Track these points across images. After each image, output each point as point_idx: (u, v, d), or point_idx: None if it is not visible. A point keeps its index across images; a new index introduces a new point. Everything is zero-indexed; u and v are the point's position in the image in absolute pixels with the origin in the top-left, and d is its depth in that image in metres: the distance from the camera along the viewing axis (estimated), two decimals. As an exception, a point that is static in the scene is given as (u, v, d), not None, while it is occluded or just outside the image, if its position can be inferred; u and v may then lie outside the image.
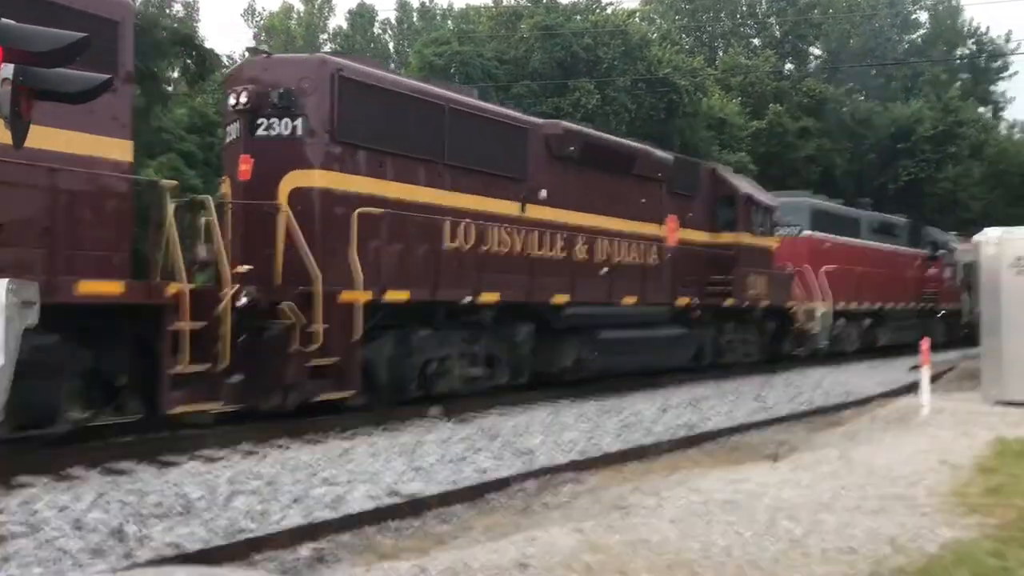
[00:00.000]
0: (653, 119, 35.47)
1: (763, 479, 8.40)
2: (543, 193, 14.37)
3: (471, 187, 13.07)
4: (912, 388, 19.14)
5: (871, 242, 27.91)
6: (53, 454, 8.41)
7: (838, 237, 25.49)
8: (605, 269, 15.55)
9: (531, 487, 9.77)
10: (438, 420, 12.04)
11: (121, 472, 8.31)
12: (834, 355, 25.46)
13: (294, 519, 7.81)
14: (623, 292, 15.98)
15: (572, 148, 14.80)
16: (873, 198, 41.28)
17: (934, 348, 29.22)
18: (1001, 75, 60.28)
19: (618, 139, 17.83)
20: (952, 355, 29.07)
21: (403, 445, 10.27)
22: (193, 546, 6.92)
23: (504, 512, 8.77)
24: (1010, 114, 66.23)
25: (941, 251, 32.18)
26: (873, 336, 27.64)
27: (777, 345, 21.87)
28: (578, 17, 37.33)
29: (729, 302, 18.73)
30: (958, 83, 55.95)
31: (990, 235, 14.58)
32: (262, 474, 8.59)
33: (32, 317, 4.47)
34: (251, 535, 7.32)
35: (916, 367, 21.09)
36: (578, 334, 14.80)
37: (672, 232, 17.89)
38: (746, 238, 19.79)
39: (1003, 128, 61.63)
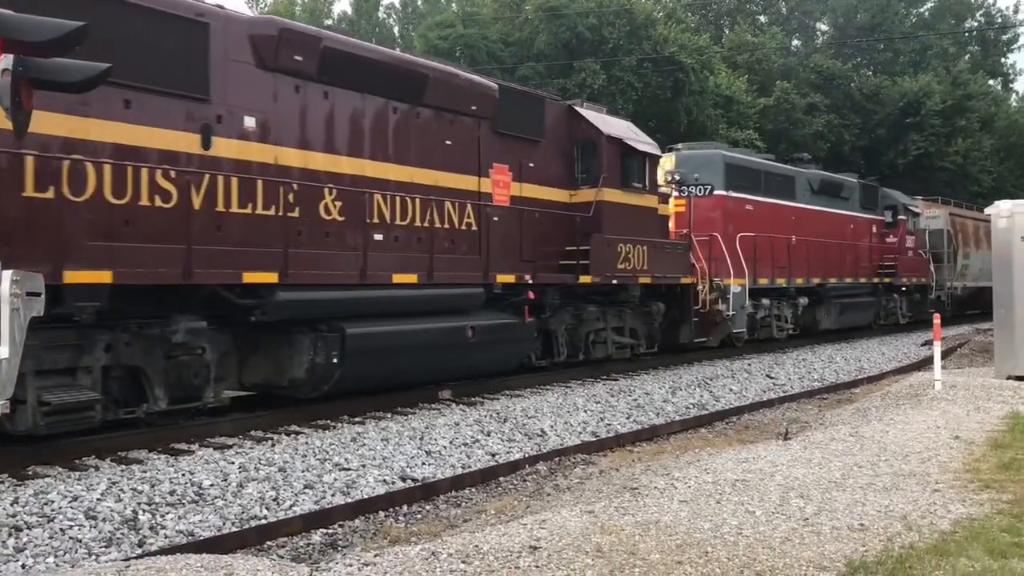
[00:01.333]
0: (659, 98, 35.26)
1: (774, 458, 8.37)
2: (248, 122, 10.03)
3: (104, 108, 8.70)
4: (924, 363, 19.10)
5: (811, 205, 23.22)
6: (65, 444, 8.44)
7: (764, 198, 20.85)
8: (366, 235, 11.09)
9: (542, 469, 9.79)
10: (449, 403, 12.06)
11: (133, 461, 8.34)
12: (843, 332, 24.98)
13: (306, 505, 7.85)
14: (393, 268, 11.41)
15: (299, 58, 10.45)
16: (883, 173, 41.09)
17: (894, 329, 28.69)
18: (1011, 47, 59.77)
19: (394, 52, 13.24)
20: (963, 329, 28.96)
21: (414, 429, 10.28)
22: (205, 534, 6.96)
23: (515, 495, 8.78)
24: (1020, 86, 65.83)
25: (902, 217, 28.13)
26: (813, 318, 23.19)
27: (675, 333, 17.55)
28: (582, -3, 37.02)
29: (585, 279, 14.24)
30: (967, 56, 55.55)
31: (1002, 207, 14.44)
32: (274, 460, 8.61)
33: (38, 308, 4.46)
34: (263, 522, 7.35)
35: (928, 342, 21.03)
36: (313, 331, 10.47)
37: (501, 187, 13.48)
38: (613, 195, 15.10)
39: (1013, 101, 61.23)
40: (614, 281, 15.02)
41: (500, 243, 13.14)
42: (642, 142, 16.24)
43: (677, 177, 18.95)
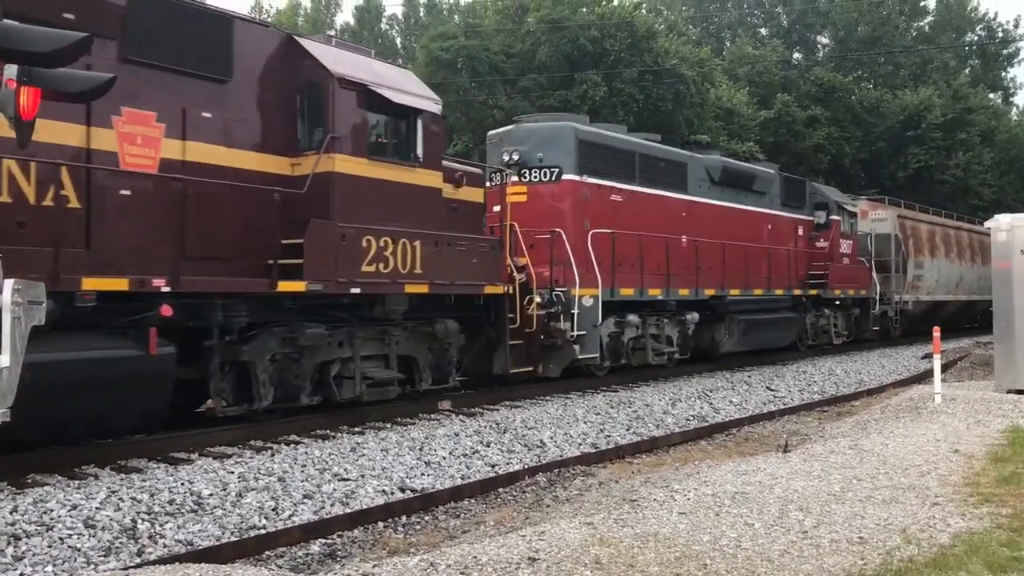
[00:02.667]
0: (660, 110, 35.35)
1: (774, 470, 8.37)
2: None
3: None
4: (925, 376, 19.09)
5: (709, 199, 18.61)
6: (65, 453, 8.44)
7: (638, 188, 16.42)
8: None
9: (542, 481, 9.78)
10: (449, 414, 12.06)
11: (133, 470, 8.34)
12: (849, 344, 24.62)
13: (305, 515, 7.84)
14: None
15: None
16: (883, 185, 41.13)
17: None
18: (1012, 61, 59.94)
19: None
20: (965, 342, 28.92)
21: (413, 440, 10.28)
22: (204, 543, 6.95)
23: (515, 506, 8.78)
24: (1020, 100, 65.99)
25: (835, 217, 23.67)
26: (711, 340, 18.66)
27: (486, 360, 13.32)
28: (584, 9, 37.16)
29: (290, 286, 9.85)
30: (967, 70, 55.69)
31: (1001, 221, 14.46)
32: (273, 470, 8.61)
33: (39, 316, 4.48)
34: (262, 532, 7.35)
35: (928, 355, 21.02)
36: None
37: (139, 144, 8.95)
38: (351, 165, 10.62)
39: (1014, 114, 61.38)
40: (355, 290, 10.65)
41: (133, 230, 8.88)
42: (409, 94, 11.56)
43: (516, 157, 14.85)
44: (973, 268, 33.99)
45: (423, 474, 9.35)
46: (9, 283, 4.15)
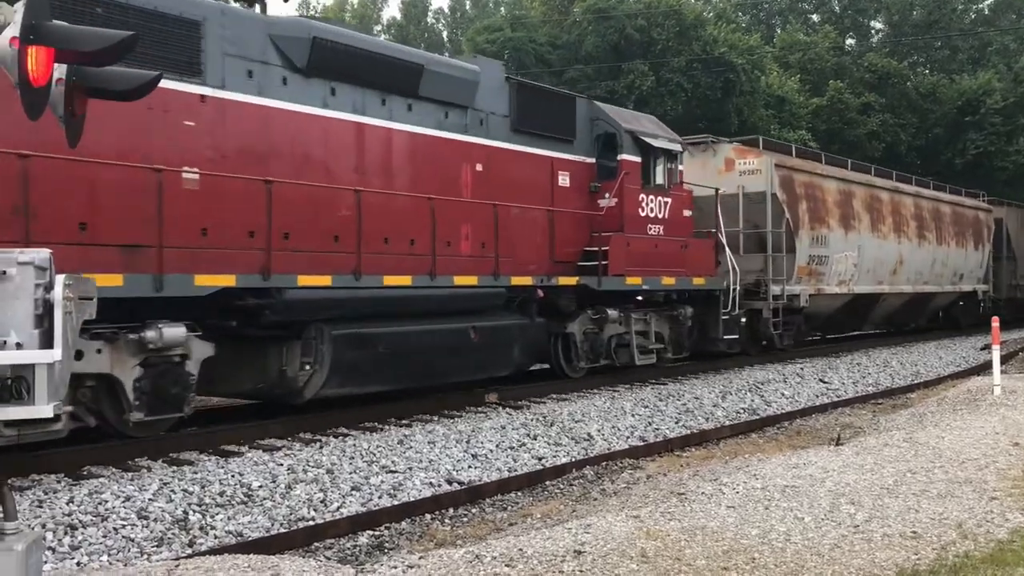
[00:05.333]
0: (710, 99, 34.96)
1: (825, 463, 8.23)
2: None
3: None
4: (984, 368, 18.64)
5: (294, 104, 10.17)
6: (119, 446, 8.62)
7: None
8: None
9: (589, 474, 9.75)
10: (496, 407, 12.07)
11: (185, 462, 8.48)
12: (902, 333, 23.83)
13: (353, 507, 7.91)
14: None
15: None
16: (940, 173, 40.15)
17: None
18: (1075, 42, 58.04)
19: None
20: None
21: (460, 432, 10.31)
22: (254, 534, 7.05)
23: (561, 499, 8.75)
24: (1085, 82, 63.49)
25: (629, 158, 14.35)
26: (269, 371, 10.13)
27: None
28: (631, -1, 36.90)
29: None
30: (1029, 52, 54.04)
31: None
32: (322, 462, 8.69)
33: (90, 311, 4.56)
34: (311, 523, 7.43)
35: (987, 346, 20.52)
36: None
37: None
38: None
39: (1078, 97, 59.35)
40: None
41: None
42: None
43: None
44: (924, 247, 24.26)
45: (470, 467, 9.37)
46: (60, 279, 4.22)
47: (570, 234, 13.78)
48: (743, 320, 17.12)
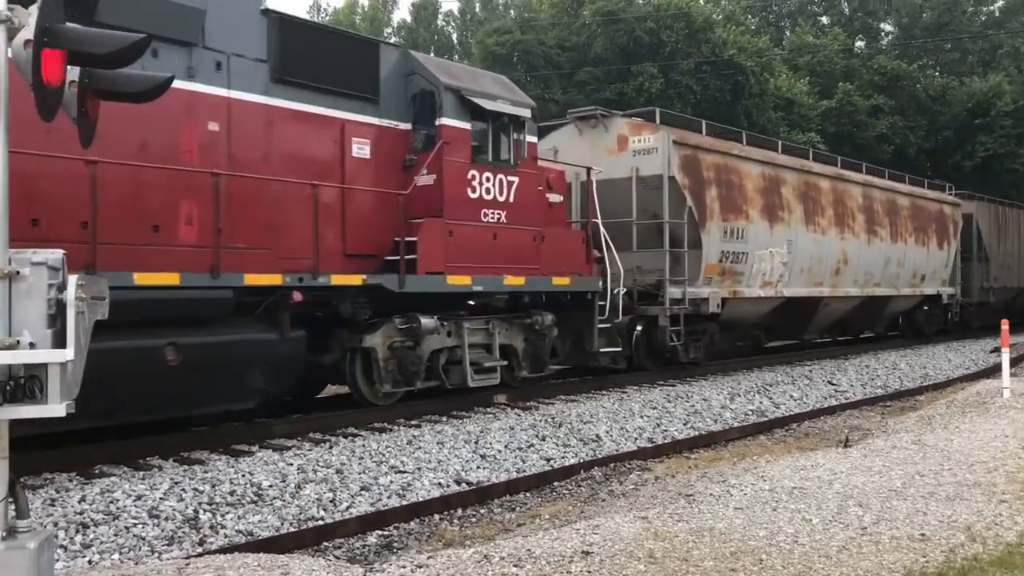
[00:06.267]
0: (719, 101, 34.94)
1: (833, 465, 8.22)
2: None
3: None
4: (993, 371, 18.57)
5: None
6: (130, 444, 8.67)
7: None
8: None
9: (597, 475, 9.77)
10: (504, 408, 12.09)
11: (196, 462, 8.53)
12: (917, 337, 22.45)
13: (362, 507, 7.94)
14: None
15: None
16: (949, 176, 39.97)
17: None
18: (1087, 44, 57.76)
19: None
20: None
21: (469, 433, 10.33)
22: (264, 533, 7.09)
23: (570, 500, 8.77)
24: (1097, 85, 63.22)
25: (450, 123, 11.39)
26: None
27: None
28: (640, 1, 36.89)
29: None
30: (1040, 54, 53.79)
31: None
32: (331, 462, 8.73)
33: (102, 311, 4.60)
34: (320, 523, 7.46)
35: (997, 349, 20.45)
36: None
37: None
38: None
39: (1089, 100, 59.07)
40: None
41: None
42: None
43: None
44: (876, 244, 21.38)
45: (479, 467, 9.40)
46: (73, 279, 4.26)
47: (373, 220, 10.75)
48: (638, 329, 15.00)
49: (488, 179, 11.86)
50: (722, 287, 16.14)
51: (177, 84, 7.58)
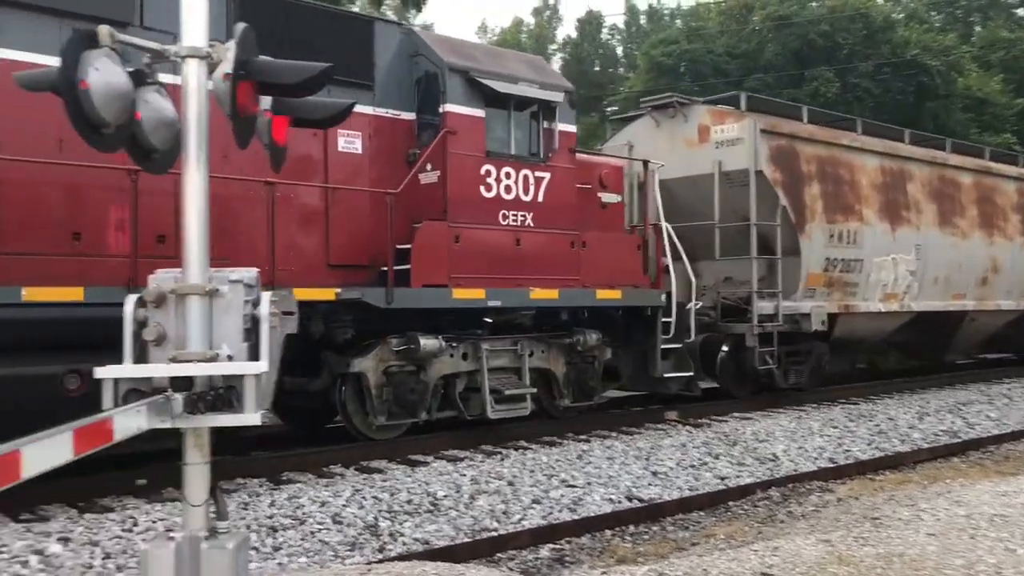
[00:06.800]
0: (901, 104, 33.20)
1: (1039, 492, 7.59)
2: None
3: None
4: None
5: None
6: (314, 453, 9.11)
7: None
8: None
9: (775, 495, 9.43)
10: (676, 424, 11.89)
11: (375, 471, 8.85)
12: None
13: (534, 520, 7.98)
14: None
15: None
16: None
17: None
18: None
19: None
20: None
21: (639, 449, 10.22)
22: (440, 543, 7.25)
23: (746, 520, 8.50)
24: None
25: (456, 109, 9.74)
26: None
27: None
28: (814, 3, 35.63)
29: None
30: None
31: None
32: (503, 475, 8.84)
33: (292, 326, 4.88)
34: (494, 534, 7.56)
35: None
36: None
37: None
38: None
39: None
40: None
41: None
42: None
43: None
44: None
45: (650, 484, 9.26)
46: (266, 296, 4.54)
47: (366, 225, 9.38)
48: (724, 349, 13.17)
49: (509, 175, 10.11)
50: (829, 300, 13.91)
51: None
